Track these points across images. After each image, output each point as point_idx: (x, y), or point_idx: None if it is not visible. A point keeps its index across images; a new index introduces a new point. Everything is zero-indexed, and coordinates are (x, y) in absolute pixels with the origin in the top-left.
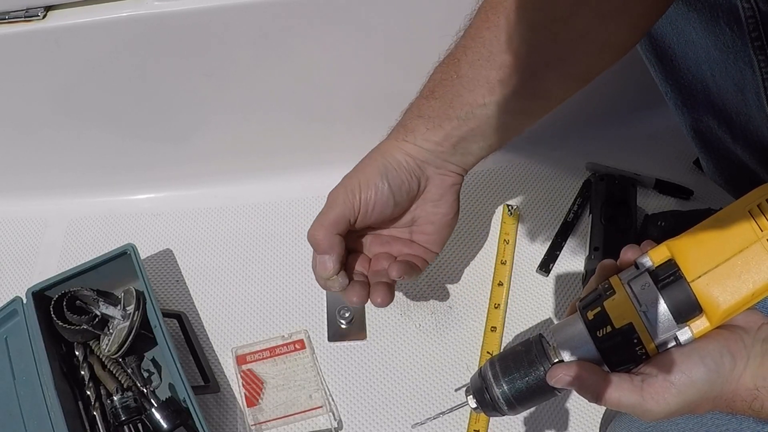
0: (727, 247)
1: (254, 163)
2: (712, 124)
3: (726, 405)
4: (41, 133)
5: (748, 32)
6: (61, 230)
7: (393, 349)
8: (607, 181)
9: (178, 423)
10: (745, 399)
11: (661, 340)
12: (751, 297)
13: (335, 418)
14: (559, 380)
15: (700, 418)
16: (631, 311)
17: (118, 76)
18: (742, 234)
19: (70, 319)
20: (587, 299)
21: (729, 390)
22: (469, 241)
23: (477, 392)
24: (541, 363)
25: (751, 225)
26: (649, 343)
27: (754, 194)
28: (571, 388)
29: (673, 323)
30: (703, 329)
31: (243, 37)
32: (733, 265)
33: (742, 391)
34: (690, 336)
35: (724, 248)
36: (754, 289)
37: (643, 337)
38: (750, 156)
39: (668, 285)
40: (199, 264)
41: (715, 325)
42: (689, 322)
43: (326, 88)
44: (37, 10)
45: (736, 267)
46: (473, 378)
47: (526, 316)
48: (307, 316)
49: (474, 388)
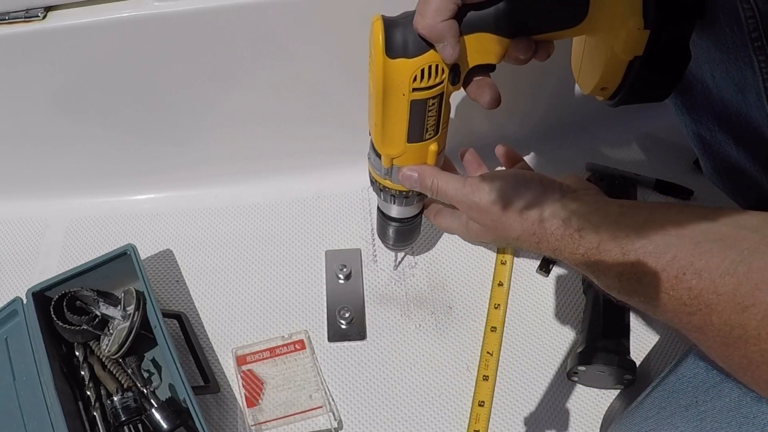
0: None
1: (254, 163)
2: (711, 125)
3: (531, 224)
4: (41, 134)
5: (748, 32)
6: (62, 230)
7: (393, 349)
8: (607, 181)
9: (178, 423)
10: (551, 227)
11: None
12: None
13: (335, 418)
14: (404, 177)
15: (699, 421)
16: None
17: (118, 77)
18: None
19: (70, 320)
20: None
21: (539, 214)
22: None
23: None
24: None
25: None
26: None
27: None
28: (413, 183)
29: None
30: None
31: (243, 37)
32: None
33: (551, 220)
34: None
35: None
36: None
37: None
38: (749, 157)
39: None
40: (199, 264)
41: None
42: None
43: (327, 89)
44: (37, 10)
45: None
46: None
47: (526, 316)
48: (307, 317)
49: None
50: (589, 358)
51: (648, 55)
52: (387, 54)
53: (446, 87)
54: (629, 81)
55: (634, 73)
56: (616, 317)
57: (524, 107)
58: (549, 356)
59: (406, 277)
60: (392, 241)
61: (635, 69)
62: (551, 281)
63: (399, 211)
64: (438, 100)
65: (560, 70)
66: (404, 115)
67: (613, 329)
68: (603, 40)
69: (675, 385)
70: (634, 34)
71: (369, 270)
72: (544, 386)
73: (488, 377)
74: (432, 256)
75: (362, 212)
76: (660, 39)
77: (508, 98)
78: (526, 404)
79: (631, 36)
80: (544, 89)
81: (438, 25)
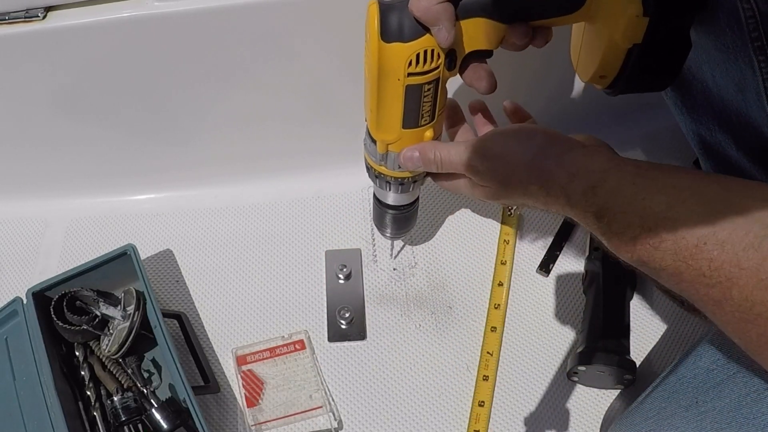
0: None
1: (254, 163)
2: (711, 125)
3: (539, 177)
4: (42, 134)
5: (748, 32)
6: (62, 230)
7: (393, 349)
8: None
9: (178, 423)
10: (560, 180)
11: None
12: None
13: (335, 418)
14: (406, 158)
15: (700, 422)
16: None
17: (118, 77)
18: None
19: (70, 320)
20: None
21: (545, 165)
22: (469, 241)
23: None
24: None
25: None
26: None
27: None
28: (416, 162)
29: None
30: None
31: (243, 37)
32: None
33: (559, 171)
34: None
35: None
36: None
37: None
38: (749, 158)
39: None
40: (199, 264)
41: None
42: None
43: (327, 89)
44: (37, 10)
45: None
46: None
47: (526, 316)
48: (307, 317)
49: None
50: (589, 358)
51: (647, 43)
52: (382, 38)
53: (442, 72)
54: (628, 69)
55: (633, 61)
56: (616, 317)
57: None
58: (549, 356)
59: (406, 277)
60: (389, 228)
61: (634, 57)
62: (551, 281)
63: (395, 198)
64: (434, 86)
65: (559, 70)
66: (399, 101)
67: (613, 329)
68: (602, 27)
69: (675, 386)
70: (633, 21)
71: (369, 270)
72: (544, 386)
73: (488, 377)
74: (432, 256)
75: (362, 212)
76: (659, 27)
77: (508, 98)
78: (526, 404)
79: (630, 23)
80: (543, 90)
81: (433, 7)
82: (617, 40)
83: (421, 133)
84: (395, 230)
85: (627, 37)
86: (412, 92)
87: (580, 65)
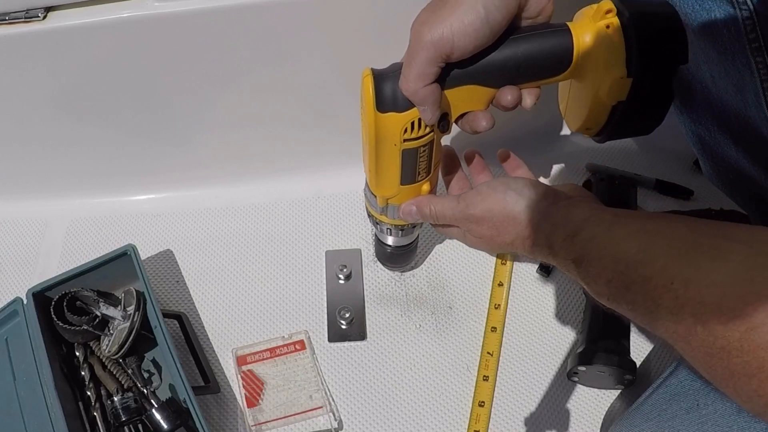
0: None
1: (254, 164)
2: (710, 125)
3: (525, 230)
4: (42, 135)
5: (745, 34)
6: (62, 231)
7: (393, 349)
8: (607, 181)
9: (178, 423)
10: (544, 230)
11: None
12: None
13: (335, 419)
14: (405, 213)
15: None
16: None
17: (118, 78)
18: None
19: (70, 320)
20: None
21: (531, 218)
22: None
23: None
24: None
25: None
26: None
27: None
28: (415, 216)
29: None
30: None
31: (244, 38)
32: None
33: (544, 224)
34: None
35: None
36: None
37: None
38: (748, 158)
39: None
40: (199, 264)
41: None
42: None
43: (327, 89)
44: (37, 11)
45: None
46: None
47: (526, 316)
48: (307, 317)
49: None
50: (589, 359)
51: (631, 100)
52: (378, 108)
53: (436, 134)
54: (614, 122)
55: (618, 115)
56: (616, 317)
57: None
58: (549, 356)
59: (406, 277)
60: (391, 264)
61: (619, 112)
62: (551, 281)
63: (395, 240)
64: (428, 147)
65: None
66: (396, 163)
67: (613, 329)
68: (588, 85)
69: (676, 388)
70: (617, 82)
71: (369, 270)
72: (544, 386)
73: (488, 377)
74: (432, 256)
75: (362, 212)
76: (643, 85)
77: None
78: (527, 404)
79: (614, 84)
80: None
81: (420, 90)
82: (602, 98)
83: (418, 187)
84: (397, 265)
85: (612, 96)
86: (409, 155)
87: (568, 116)
